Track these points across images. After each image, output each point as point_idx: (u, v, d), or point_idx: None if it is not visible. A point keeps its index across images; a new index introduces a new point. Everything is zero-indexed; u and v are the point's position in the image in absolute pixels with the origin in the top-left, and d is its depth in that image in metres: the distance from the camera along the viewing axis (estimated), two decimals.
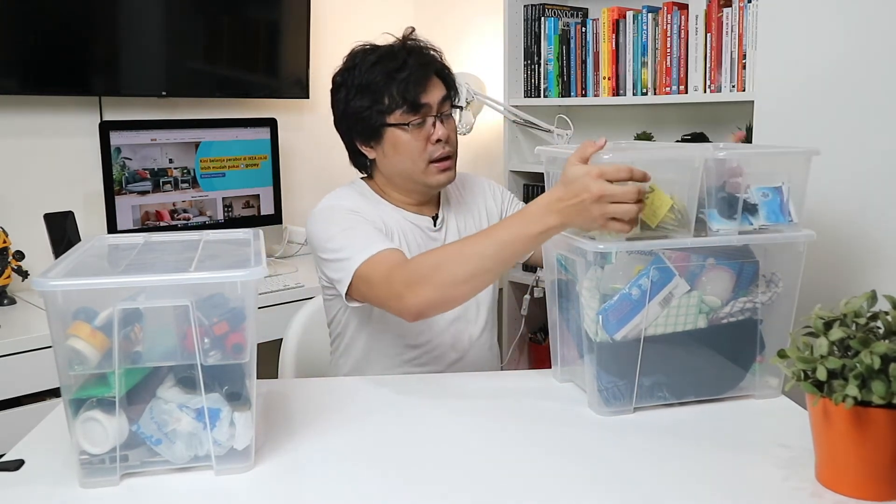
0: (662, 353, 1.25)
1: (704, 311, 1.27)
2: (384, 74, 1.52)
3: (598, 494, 1.02)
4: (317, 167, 3.06)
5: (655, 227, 1.22)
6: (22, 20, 2.30)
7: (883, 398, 0.93)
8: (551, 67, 2.81)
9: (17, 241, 2.28)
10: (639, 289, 1.22)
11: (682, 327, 1.25)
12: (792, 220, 1.29)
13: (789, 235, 1.29)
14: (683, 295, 1.24)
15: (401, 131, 1.53)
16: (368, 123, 1.54)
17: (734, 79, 2.35)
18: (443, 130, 1.54)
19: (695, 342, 1.27)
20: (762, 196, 1.27)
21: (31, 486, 1.05)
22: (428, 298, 1.31)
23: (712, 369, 1.30)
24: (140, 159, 2.49)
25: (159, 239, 1.29)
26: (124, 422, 1.04)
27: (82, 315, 1.02)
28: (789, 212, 1.29)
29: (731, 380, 1.31)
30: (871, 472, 0.97)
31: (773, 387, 1.33)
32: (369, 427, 1.24)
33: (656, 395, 1.28)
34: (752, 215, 1.27)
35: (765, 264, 1.30)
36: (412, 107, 1.52)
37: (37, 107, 2.43)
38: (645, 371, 1.25)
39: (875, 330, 0.99)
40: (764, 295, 1.29)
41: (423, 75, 1.53)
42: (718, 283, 1.28)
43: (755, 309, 1.29)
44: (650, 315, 1.23)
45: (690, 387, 1.29)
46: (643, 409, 1.27)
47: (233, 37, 2.79)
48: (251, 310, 1.05)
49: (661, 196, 1.21)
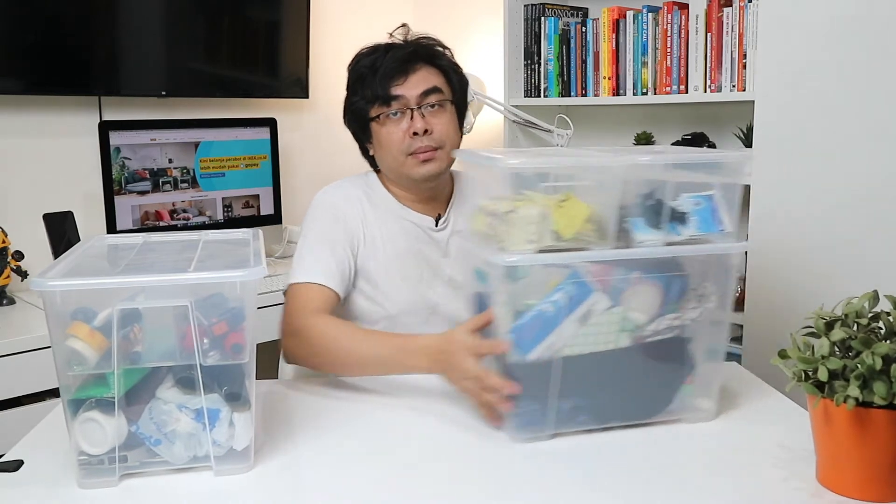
0: (582, 374, 1.15)
1: (628, 328, 1.16)
2: (366, 68, 1.55)
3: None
4: (316, 167, 3.05)
5: (571, 239, 1.13)
6: (21, 20, 2.30)
7: (884, 399, 0.93)
8: (551, 67, 2.81)
9: (17, 241, 2.27)
10: (553, 305, 1.12)
11: (604, 346, 1.15)
12: (724, 230, 1.18)
13: (720, 246, 1.18)
14: (604, 311, 1.14)
15: (379, 124, 1.55)
16: (358, 118, 1.58)
17: (734, 78, 2.35)
18: (420, 123, 1.52)
19: (618, 362, 1.16)
20: (693, 204, 1.16)
21: (29, 487, 1.04)
22: (302, 359, 1.45)
23: (638, 391, 1.20)
24: (139, 159, 2.49)
25: (158, 239, 1.28)
26: (123, 422, 1.03)
27: (81, 315, 1.01)
28: (721, 221, 1.17)
29: (658, 402, 1.21)
30: (872, 473, 0.97)
31: (704, 409, 1.23)
32: (369, 427, 1.23)
33: (577, 421, 1.17)
34: (682, 224, 1.16)
35: (695, 278, 1.18)
36: (384, 99, 1.53)
37: (36, 107, 2.43)
38: (563, 394, 1.14)
39: (876, 330, 0.99)
40: (694, 311, 1.18)
41: (399, 66, 1.53)
42: (644, 298, 1.17)
43: (683, 326, 1.18)
44: (566, 333, 1.13)
45: (614, 411, 1.19)
46: (563, 435, 1.17)
47: (232, 37, 2.79)
48: (250, 310, 1.05)
49: (576, 205, 1.14)
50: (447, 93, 1.58)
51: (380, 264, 1.57)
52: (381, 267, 1.57)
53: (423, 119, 1.53)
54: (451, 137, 1.58)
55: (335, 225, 1.56)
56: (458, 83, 1.62)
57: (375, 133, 1.57)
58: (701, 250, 1.17)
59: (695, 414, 1.22)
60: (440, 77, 1.58)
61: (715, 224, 1.17)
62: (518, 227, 1.12)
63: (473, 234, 1.25)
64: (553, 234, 1.12)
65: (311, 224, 1.58)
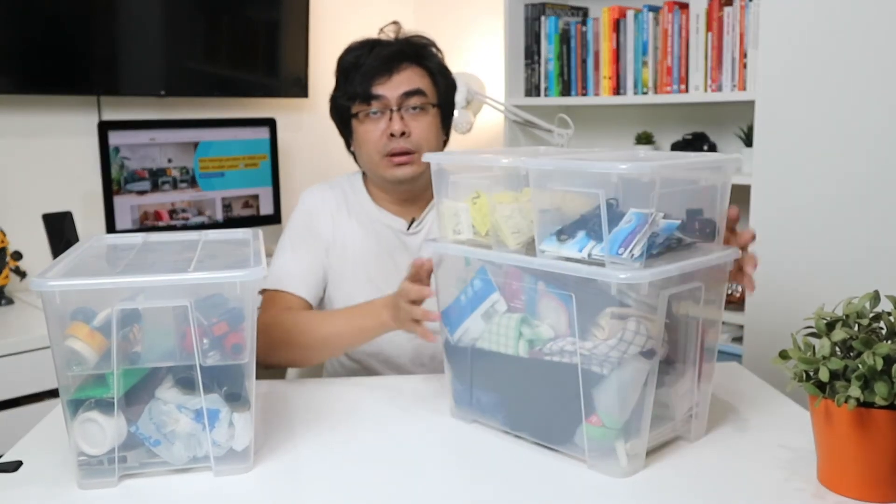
0: (490, 370, 1.17)
1: (527, 337, 1.11)
2: (351, 64, 1.54)
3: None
4: (316, 167, 3.05)
5: (485, 235, 1.15)
6: (20, 19, 2.30)
7: (885, 399, 0.93)
8: (551, 67, 2.81)
9: (16, 241, 2.27)
10: (465, 295, 1.18)
11: (504, 349, 1.13)
12: (623, 256, 0.98)
13: (595, 271, 0.99)
14: (504, 314, 1.14)
15: (358, 122, 1.55)
16: (339, 113, 1.59)
17: (735, 78, 2.34)
18: (399, 125, 1.51)
19: (520, 372, 1.12)
20: (626, 221, 1.00)
21: (29, 488, 1.04)
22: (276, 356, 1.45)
23: (541, 411, 1.11)
24: (139, 159, 2.49)
25: (158, 239, 1.28)
26: (123, 423, 1.03)
27: (80, 315, 1.01)
28: (629, 245, 0.98)
29: (560, 432, 1.09)
30: (874, 474, 0.97)
31: (618, 461, 1.03)
32: (369, 427, 1.23)
33: (494, 416, 1.18)
34: (595, 241, 1.02)
35: (591, 306, 1.02)
36: (365, 97, 1.52)
37: (35, 106, 2.43)
38: (479, 383, 1.18)
39: (878, 331, 0.99)
40: (604, 345, 1.01)
41: (382, 65, 1.51)
42: (550, 313, 1.09)
43: (584, 356, 1.03)
44: (474, 326, 1.17)
45: (525, 422, 1.14)
46: (483, 425, 1.20)
47: (232, 36, 2.79)
48: (250, 310, 1.05)
49: (486, 204, 1.14)
50: (431, 95, 1.56)
51: (347, 265, 1.58)
52: (347, 268, 1.58)
53: (403, 121, 1.52)
54: (430, 141, 1.55)
55: (308, 230, 1.59)
56: (445, 86, 1.60)
57: (355, 130, 1.56)
58: (573, 270, 1.02)
59: (605, 463, 1.05)
60: (426, 79, 1.56)
61: (619, 247, 0.99)
62: (445, 218, 1.22)
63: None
64: (473, 228, 1.18)
65: (288, 229, 1.62)
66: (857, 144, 1.93)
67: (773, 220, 2.09)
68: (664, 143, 2.77)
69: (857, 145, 1.93)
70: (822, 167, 1.99)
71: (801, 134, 2.02)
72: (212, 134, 2.63)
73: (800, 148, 2.02)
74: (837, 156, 1.97)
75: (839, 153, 1.97)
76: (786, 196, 2.06)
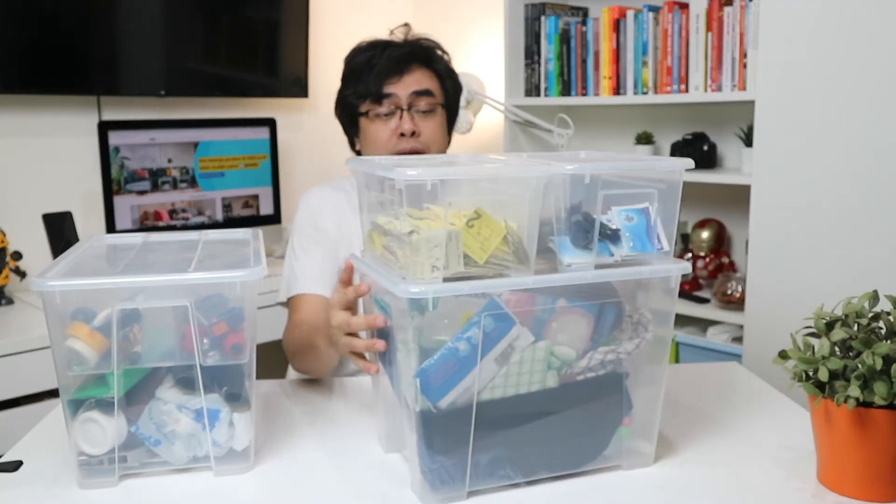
0: (503, 421, 1.00)
1: (555, 366, 1.00)
2: (362, 63, 1.56)
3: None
4: (316, 167, 3.05)
5: (485, 264, 0.96)
6: (20, 19, 2.30)
7: (885, 399, 0.93)
8: (551, 67, 2.81)
9: (16, 241, 2.27)
10: (467, 342, 0.95)
11: (528, 388, 0.99)
12: (662, 249, 1.03)
13: (658, 269, 1.02)
14: (527, 347, 0.98)
15: (368, 121, 1.56)
16: (347, 111, 1.60)
17: (735, 78, 2.34)
18: (409, 124, 1.53)
19: (545, 405, 1.01)
20: (626, 220, 1.01)
21: (29, 487, 1.04)
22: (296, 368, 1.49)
23: (569, 437, 1.04)
24: (139, 159, 2.49)
25: (158, 239, 1.28)
26: (123, 422, 1.03)
27: (81, 315, 1.01)
28: (658, 238, 1.03)
29: (592, 448, 1.06)
30: (873, 473, 0.97)
31: (644, 453, 1.08)
32: (369, 427, 1.23)
33: (497, 475, 1.01)
34: (614, 243, 1.01)
35: (630, 304, 1.05)
36: (376, 96, 1.53)
37: (35, 106, 2.43)
38: (481, 447, 0.99)
39: (877, 330, 0.99)
40: (630, 343, 1.03)
41: (394, 65, 1.53)
42: (572, 329, 1.01)
43: (619, 360, 1.03)
44: (484, 375, 0.97)
45: (541, 461, 1.03)
46: (481, 492, 1.01)
47: (232, 36, 2.79)
48: (250, 310, 1.05)
49: (490, 223, 0.97)
50: (439, 97, 1.59)
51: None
52: None
53: (412, 121, 1.54)
54: (438, 142, 1.58)
55: (315, 230, 1.60)
56: (452, 89, 1.63)
57: (363, 128, 1.58)
58: (635, 273, 1.01)
59: (632, 459, 1.07)
60: (434, 80, 1.58)
61: (651, 242, 1.02)
62: (422, 251, 0.94)
63: (370, 258, 1.10)
64: (463, 258, 0.95)
65: (294, 233, 1.63)
66: (857, 144, 1.93)
67: (772, 220, 2.09)
68: (664, 143, 2.77)
69: (857, 145, 1.93)
70: (821, 167, 2.00)
71: (801, 134, 2.02)
72: (212, 134, 2.63)
73: (800, 148, 2.02)
74: (837, 156, 1.97)
75: (839, 153, 1.97)
76: (785, 196, 2.06)
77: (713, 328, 2.43)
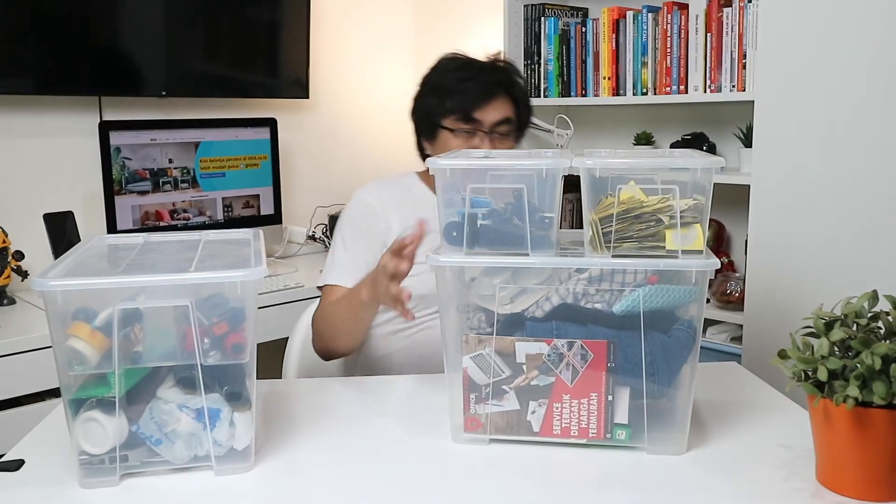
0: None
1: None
2: (455, 81, 1.64)
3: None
4: (317, 167, 3.06)
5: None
6: (22, 20, 2.30)
7: (884, 399, 0.93)
8: (551, 67, 2.81)
9: (17, 241, 2.27)
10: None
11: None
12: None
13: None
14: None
15: (451, 135, 1.64)
16: (429, 120, 1.67)
17: (734, 79, 2.35)
18: (488, 147, 1.62)
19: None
20: None
21: (30, 487, 1.05)
22: (320, 348, 1.61)
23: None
24: (140, 159, 2.49)
25: (159, 239, 1.28)
26: (124, 422, 1.04)
27: (82, 315, 1.02)
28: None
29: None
30: (872, 473, 0.97)
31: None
32: (369, 427, 1.23)
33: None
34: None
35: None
36: (465, 117, 1.62)
37: (36, 107, 2.43)
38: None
39: (876, 330, 0.99)
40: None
41: (487, 92, 1.62)
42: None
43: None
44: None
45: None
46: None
47: (233, 37, 2.79)
48: (251, 310, 1.05)
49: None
50: (515, 123, 1.69)
51: (418, 256, 1.59)
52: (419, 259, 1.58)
53: (491, 143, 1.63)
54: None
55: (363, 226, 1.66)
56: (525, 113, 1.73)
57: (443, 138, 1.66)
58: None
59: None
60: (513, 108, 1.67)
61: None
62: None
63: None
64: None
65: (344, 223, 1.69)
66: (856, 144, 1.94)
67: (772, 220, 2.10)
68: (664, 144, 2.77)
69: (856, 145, 1.94)
70: (821, 167, 2.00)
71: (801, 134, 2.02)
72: (213, 134, 2.64)
73: (799, 148, 2.03)
74: (836, 156, 1.97)
75: (838, 153, 1.97)
76: (785, 196, 2.06)
77: (712, 328, 2.44)
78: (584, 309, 1.13)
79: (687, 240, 1.09)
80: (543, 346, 1.13)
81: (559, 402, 1.14)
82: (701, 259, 1.09)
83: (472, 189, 1.14)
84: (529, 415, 1.15)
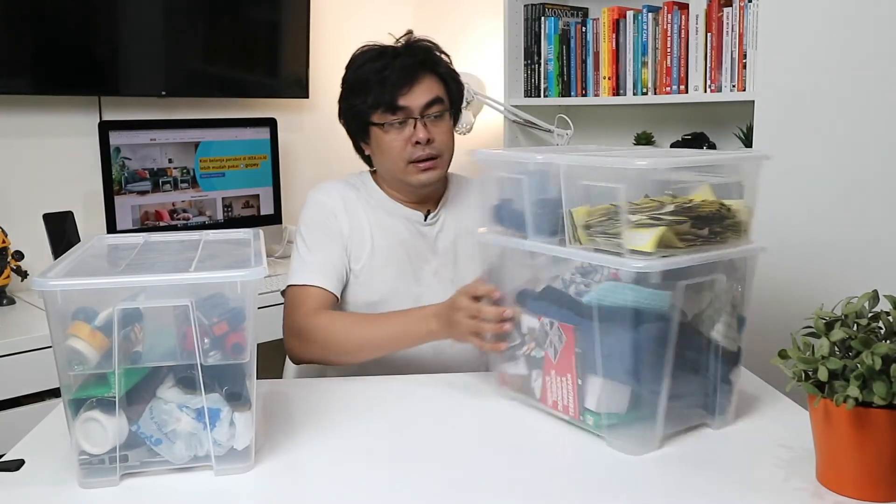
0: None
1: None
2: (371, 73, 1.57)
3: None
4: (316, 167, 3.05)
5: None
6: (21, 20, 2.30)
7: (884, 399, 0.93)
8: (551, 67, 2.81)
9: (17, 241, 2.27)
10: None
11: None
12: None
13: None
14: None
15: (381, 131, 1.58)
16: (357, 120, 1.61)
17: (734, 79, 2.35)
18: (423, 133, 1.55)
19: None
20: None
21: (30, 487, 1.05)
22: (311, 357, 1.55)
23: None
24: (139, 159, 2.49)
25: (159, 239, 1.28)
26: (124, 422, 1.04)
27: (82, 315, 1.01)
28: None
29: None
30: (873, 473, 0.97)
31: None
32: (369, 427, 1.23)
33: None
34: None
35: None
36: (390, 108, 1.55)
37: (36, 107, 2.43)
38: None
39: (876, 330, 0.99)
40: None
41: (405, 77, 1.55)
42: None
43: None
44: None
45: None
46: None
47: (232, 37, 2.79)
48: (251, 310, 1.05)
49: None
50: (447, 102, 1.62)
51: (366, 251, 1.61)
52: (367, 254, 1.61)
53: (426, 129, 1.56)
54: (450, 145, 1.63)
55: (326, 225, 1.61)
56: (456, 90, 1.65)
57: (376, 138, 1.59)
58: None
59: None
60: (441, 86, 1.61)
61: None
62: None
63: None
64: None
65: (305, 225, 1.63)
66: (856, 144, 1.94)
67: (772, 220, 2.09)
68: (664, 144, 2.77)
69: (856, 145, 1.94)
70: (821, 167, 2.00)
71: (801, 134, 2.02)
72: (212, 134, 2.64)
73: (799, 148, 2.03)
74: (837, 156, 1.97)
75: (838, 153, 1.97)
76: (785, 196, 2.06)
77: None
78: (566, 295, 1.18)
79: (635, 241, 1.08)
80: (535, 322, 1.23)
81: (549, 377, 1.22)
82: (636, 260, 1.07)
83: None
84: (533, 382, 1.26)
